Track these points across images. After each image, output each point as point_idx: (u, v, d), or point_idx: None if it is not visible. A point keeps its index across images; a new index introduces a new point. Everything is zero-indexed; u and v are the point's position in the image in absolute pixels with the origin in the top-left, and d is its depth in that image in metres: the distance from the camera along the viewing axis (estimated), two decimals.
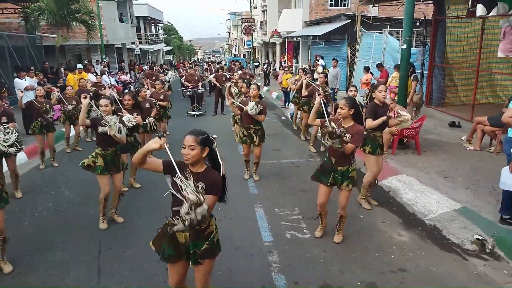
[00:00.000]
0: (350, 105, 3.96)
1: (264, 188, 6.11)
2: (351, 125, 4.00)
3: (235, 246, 4.31)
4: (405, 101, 7.97)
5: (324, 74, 9.20)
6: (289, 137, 9.66)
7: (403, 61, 7.87)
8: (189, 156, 2.63)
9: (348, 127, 3.99)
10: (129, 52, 30.30)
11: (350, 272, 3.81)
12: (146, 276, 3.81)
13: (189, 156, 2.63)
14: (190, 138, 2.64)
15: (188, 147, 2.63)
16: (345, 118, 4.02)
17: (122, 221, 5.00)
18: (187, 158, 2.64)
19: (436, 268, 3.84)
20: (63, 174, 7.06)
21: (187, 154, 2.63)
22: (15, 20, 17.68)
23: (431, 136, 8.44)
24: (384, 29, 14.03)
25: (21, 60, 13.36)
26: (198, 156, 2.66)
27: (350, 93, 6.40)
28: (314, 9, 22.58)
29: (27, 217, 5.26)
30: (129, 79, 18.33)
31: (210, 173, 2.72)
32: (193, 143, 2.63)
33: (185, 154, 2.64)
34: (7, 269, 3.90)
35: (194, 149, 2.63)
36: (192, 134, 2.67)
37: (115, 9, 24.03)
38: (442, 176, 6.05)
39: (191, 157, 2.64)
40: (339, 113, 4.02)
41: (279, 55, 29.84)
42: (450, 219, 4.69)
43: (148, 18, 38.23)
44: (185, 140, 2.65)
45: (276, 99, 17.00)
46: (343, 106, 3.97)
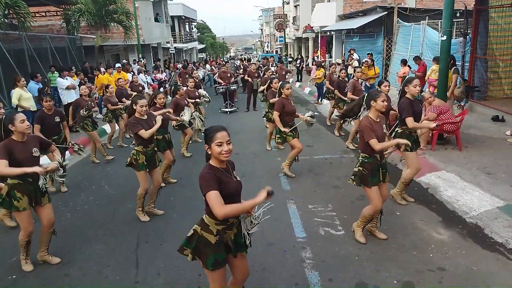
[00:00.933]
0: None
1: (296, 184, 6.07)
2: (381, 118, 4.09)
3: (268, 242, 4.31)
4: (445, 94, 7.65)
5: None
6: (322, 133, 9.54)
7: (442, 53, 7.55)
8: (230, 151, 2.60)
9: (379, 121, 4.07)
10: (164, 51, 30.98)
11: (386, 270, 3.72)
12: (180, 269, 3.89)
13: (230, 151, 2.59)
14: (225, 133, 2.59)
15: (226, 143, 2.58)
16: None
17: (162, 213, 5.18)
18: (228, 154, 2.59)
19: (478, 268, 3.68)
20: (103, 170, 7.34)
21: (228, 150, 2.57)
22: (56, 22, 18.52)
23: (473, 131, 8.08)
24: (422, 20, 13.53)
25: (63, 61, 13.96)
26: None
27: (384, 88, 6.23)
28: (349, 2, 22.09)
29: (69, 210, 5.51)
30: (164, 78, 18.75)
31: (229, 160, 2.76)
32: (228, 137, 2.60)
33: (225, 151, 2.56)
34: (55, 261, 4.11)
35: (231, 143, 2.61)
36: (224, 129, 2.62)
37: (151, 9, 24.62)
38: (484, 173, 5.78)
39: (231, 152, 2.61)
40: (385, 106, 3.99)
41: (311, 50, 29.51)
42: (493, 217, 4.47)
43: (183, 17, 38.92)
44: (222, 137, 2.56)
45: (309, 94, 16.84)
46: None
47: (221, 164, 2.65)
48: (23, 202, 3.76)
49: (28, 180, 3.77)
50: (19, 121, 3.73)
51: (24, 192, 3.77)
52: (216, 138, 2.56)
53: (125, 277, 3.82)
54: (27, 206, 3.79)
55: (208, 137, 2.60)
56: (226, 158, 2.61)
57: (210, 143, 2.59)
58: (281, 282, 3.64)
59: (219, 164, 2.64)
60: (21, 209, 3.76)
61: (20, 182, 3.74)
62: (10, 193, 3.75)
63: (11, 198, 3.75)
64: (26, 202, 3.78)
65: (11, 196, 3.75)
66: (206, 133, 2.65)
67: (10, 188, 3.75)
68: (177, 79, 16.25)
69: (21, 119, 3.76)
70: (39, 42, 13.17)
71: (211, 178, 2.52)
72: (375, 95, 3.98)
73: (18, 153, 3.69)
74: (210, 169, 2.61)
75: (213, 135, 2.58)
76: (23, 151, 3.73)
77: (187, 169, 6.91)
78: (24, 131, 3.77)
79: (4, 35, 10.84)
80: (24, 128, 3.76)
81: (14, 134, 3.76)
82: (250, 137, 9.07)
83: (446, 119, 6.76)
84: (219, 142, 2.56)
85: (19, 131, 3.75)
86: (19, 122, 3.73)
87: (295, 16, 34.63)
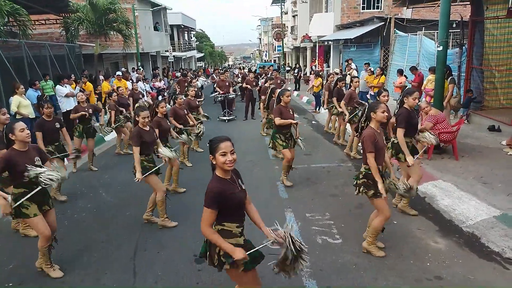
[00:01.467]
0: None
1: (294, 193, 6.09)
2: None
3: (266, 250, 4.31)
4: (441, 104, 7.73)
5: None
6: (319, 142, 9.58)
7: (439, 64, 7.65)
8: (234, 161, 2.65)
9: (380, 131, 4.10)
10: (163, 59, 31.14)
11: (384, 279, 3.73)
12: (178, 276, 3.89)
13: (233, 160, 2.64)
14: (229, 143, 2.64)
15: (230, 153, 2.63)
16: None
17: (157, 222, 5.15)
18: (232, 163, 2.65)
19: (474, 277, 3.69)
20: (101, 177, 7.33)
21: (232, 159, 2.63)
22: (56, 30, 18.61)
23: (469, 141, 8.14)
24: (418, 31, 13.70)
25: (62, 68, 13.97)
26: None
27: (383, 98, 6.28)
28: (346, 13, 22.33)
29: (67, 218, 5.50)
30: (163, 86, 18.81)
31: (234, 169, 2.77)
32: (232, 147, 2.65)
33: (229, 161, 2.62)
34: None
35: (234, 152, 2.67)
36: (228, 140, 2.67)
37: (150, 18, 24.82)
38: (480, 182, 5.82)
39: (235, 161, 2.66)
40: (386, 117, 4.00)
41: (309, 59, 29.72)
42: (489, 226, 4.50)
43: (182, 26, 39.20)
44: (226, 147, 2.62)
45: (306, 103, 16.93)
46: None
47: (226, 174, 2.70)
48: (32, 209, 3.78)
49: (33, 187, 3.78)
50: (19, 130, 3.75)
51: (33, 199, 3.79)
52: (220, 148, 2.61)
53: (123, 285, 3.81)
54: (37, 212, 3.81)
55: (213, 148, 2.65)
56: (230, 168, 2.65)
57: (215, 153, 2.64)
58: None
59: (224, 174, 2.69)
60: (31, 215, 3.78)
61: (26, 191, 3.76)
62: (17, 202, 3.76)
63: (19, 207, 3.76)
64: (35, 208, 3.80)
65: (18, 205, 3.76)
66: (210, 144, 2.70)
67: (18, 197, 3.75)
68: (176, 87, 16.32)
69: (21, 128, 3.77)
70: (38, 50, 13.20)
71: (216, 197, 2.60)
72: (374, 107, 3.99)
73: (21, 163, 3.71)
74: (218, 182, 2.66)
75: (217, 145, 2.63)
76: (26, 160, 3.74)
77: (186, 177, 6.92)
78: (24, 139, 3.79)
79: (4, 43, 10.87)
80: (24, 137, 3.77)
81: (16, 143, 3.79)
82: (248, 145, 9.10)
83: (443, 129, 6.82)
84: (223, 152, 2.61)
85: (19, 140, 3.77)
86: (19, 131, 3.75)
87: (293, 26, 34.94)
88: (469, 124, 9.61)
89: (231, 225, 2.73)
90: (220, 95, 13.42)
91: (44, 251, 3.91)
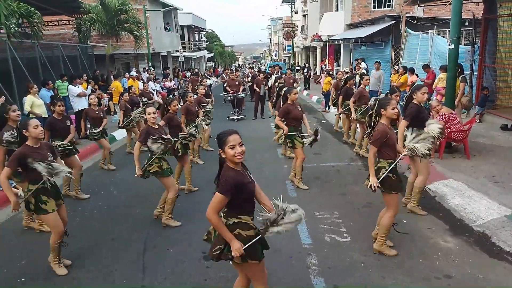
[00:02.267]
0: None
1: (303, 191, 6.09)
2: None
3: (274, 248, 4.31)
4: (452, 102, 7.64)
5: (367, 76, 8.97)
6: (329, 141, 9.55)
7: (450, 62, 7.56)
8: (243, 152, 2.66)
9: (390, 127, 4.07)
10: (173, 60, 31.34)
11: (392, 277, 3.71)
12: (186, 273, 3.93)
13: (243, 152, 2.66)
14: (237, 136, 2.67)
15: (239, 145, 2.64)
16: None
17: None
18: (242, 155, 2.67)
19: (485, 276, 3.65)
20: (112, 176, 7.43)
21: (241, 151, 2.65)
22: (69, 31, 18.89)
23: (481, 140, 8.03)
24: (430, 29, 13.55)
25: (74, 69, 14.20)
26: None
27: (396, 98, 6.22)
28: (357, 11, 22.19)
29: (78, 215, 5.59)
30: (173, 86, 18.95)
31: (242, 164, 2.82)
32: (240, 139, 2.67)
33: (239, 153, 2.64)
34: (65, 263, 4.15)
35: (243, 145, 2.68)
36: (235, 132, 2.70)
37: (161, 18, 24.99)
38: (492, 181, 5.75)
39: (244, 153, 2.67)
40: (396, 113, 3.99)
41: (319, 59, 29.61)
42: (500, 225, 4.44)
43: (192, 26, 39.40)
44: (234, 139, 2.64)
45: (316, 102, 16.88)
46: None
47: (236, 166, 2.71)
48: (50, 204, 3.87)
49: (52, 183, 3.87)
50: (33, 127, 3.84)
51: (50, 195, 3.88)
52: (229, 141, 2.64)
53: (132, 281, 3.86)
54: (55, 207, 3.90)
55: (221, 141, 2.68)
56: (240, 160, 2.67)
57: (224, 146, 2.66)
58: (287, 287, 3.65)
59: (235, 167, 2.71)
60: (50, 211, 3.86)
61: (44, 186, 3.83)
62: (36, 198, 3.83)
63: (38, 203, 3.83)
64: (53, 204, 3.89)
65: (37, 201, 3.83)
66: (219, 138, 2.72)
67: (36, 193, 3.82)
68: (188, 87, 16.41)
69: (35, 124, 3.86)
70: (51, 51, 13.44)
71: (234, 186, 2.62)
72: (385, 103, 3.98)
73: (35, 159, 3.78)
74: (232, 171, 2.67)
75: (226, 139, 2.65)
76: (39, 157, 3.81)
77: (194, 176, 6.96)
78: (37, 136, 3.87)
79: (18, 44, 11.08)
80: (37, 134, 3.86)
81: (29, 140, 3.87)
82: (258, 144, 9.11)
83: (454, 128, 6.74)
84: (231, 145, 2.63)
85: (33, 137, 3.86)
86: (33, 127, 3.84)
87: (303, 25, 34.83)
88: (481, 123, 9.49)
89: (247, 218, 2.76)
90: (230, 94, 13.47)
91: (54, 247, 3.97)
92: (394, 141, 3.99)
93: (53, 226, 3.92)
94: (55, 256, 4.02)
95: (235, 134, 2.68)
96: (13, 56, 10.38)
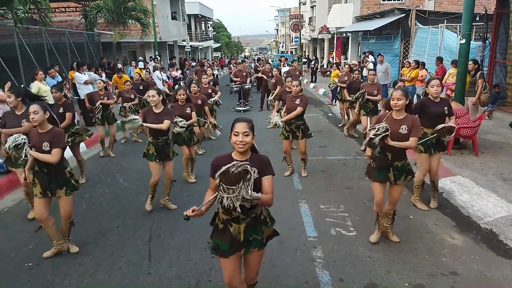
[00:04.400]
0: (405, 95, 3.88)
1: (309, 184, 6.07)
2: (404, 117, 3.91)
3: (279, 240, 4.30)
4: (462, 98, 7.56)
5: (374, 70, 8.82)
6: (335, 134, 9.50)
7: (461, 57, 7.46)
8: (244, 143, 2.56)
9: (401, 119, 3.90)
10: (180, 49, 31.21)
11: (397, 272, 3.70)
12: (192, 262, 3.94)
13: (243, 142, 2.56)
14: (244, 125, 2.58)
15: (242, 134, 2.56)
16: (402, 109, 3.91)
17: (175, 207, 5.24)
18: (243, 145, 2.57)
19: (491, 274, 3.63)
20: (118, 164, 7.45)
21: (242, 141, 2.56)
22: (76, 18, 18.82)
23: (490, 137, 7.95)
24: (440, 24, 13.37)
25: (81, 56, 14.18)
26: (251, 142, 2.61)
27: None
28: (366, 4, 21.93)
29: (85, 202, 5.61)
30: (180, 75, 18.89)
31: (258, 156, 2.70)
32: (247, 129, 2.58)
33: (240, 141, 2.55)
34: (73, 250, 4.20)
35: (249, 135, 2.58)
36: (243, 121, 2.62)
37: (168, 7, 24.85)
38: (501, 179, 5.69)
39: (246, 143, 2.57)
40: (397, 105, 3.86)
41: (327, 51, 29.38)
42: (508, 223, 4.41)
43: (199, 15, 39.17)
44: (238, 127, 2.57)
45: (323, 95, 16.78)
46: (401, 97, 3.84)
47: (240, 156, 2.63)
48: (36, 188, 3.91)
49: (43, 170, 3.86)
50: (31, 113, 3.76)
51: (39, 180, 3.89)
52: (235, 127, 2.60)
53: (138, 269, 3.88)
54: (38, 194, 3.90)
55: (231, 126, 2.65)
56: (241, 149, 2.59)
57: (231, 132, 2.63)
58: (292, 280, 3.65)
59: (239, 156, 2.63)
60: (35, 194, 3.93)
61: (37, 170, 3.88)
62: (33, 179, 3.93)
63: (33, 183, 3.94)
64: (38, 190, 3.90)
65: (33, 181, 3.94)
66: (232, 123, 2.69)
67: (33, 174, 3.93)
68: (193, 77, 16.37)
69: (33, 110, 3.75)
70: (58, 37, 13.41)
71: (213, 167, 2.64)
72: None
73: (33, 143, 3.81)
74: (221, 158, 2.66)
75: (233, 125, 2.62)
76: (37, 143, 3.79)
77: (199, 166, 6.97)
78: (31, 122, 3.82)
79: (25, 30, 11.06)
80: (31, 120, 3.80)
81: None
82: (264, 136, 9.08)
83: (463, 124, 6.67)
84: (236, 132, 2.58)
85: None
86: (31, 114, 3.77)
87: (311, 17, 34.54)
88: (490, 120, 9.39)
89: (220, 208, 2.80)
90: (236, 85, 13.41)
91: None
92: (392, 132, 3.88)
93: (35, 211, 4.06)
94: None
95: (243, 122, 2.61)
96: (20, 42, 10.37)
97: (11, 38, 10.18)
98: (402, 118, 3.90)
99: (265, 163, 2.68)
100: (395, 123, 3.89)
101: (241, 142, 2.57)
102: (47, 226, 4.01)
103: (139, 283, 3.67)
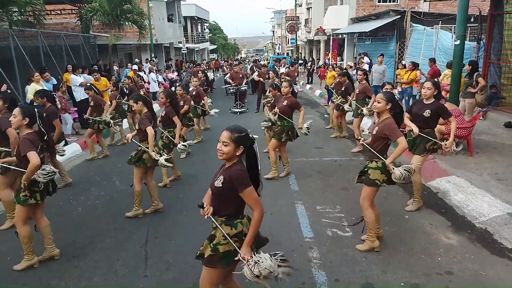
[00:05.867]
0: (387, 99, 3.95)
1: (305, 185, 6.09)
2: (382, 120, 4.01)
3: (275, 241, 4.32)
4: (457, 99, 7.62)
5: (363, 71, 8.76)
6: (331, 135, 9.52)
7: (455, 58, 7.52)
8: (221, 152, 2.59)
9: (380, 122, 4.02)
10: (176, 51, 31.19)
11: (393, 272, 3.72)
12: (188, 264, 3.93)
13: (221, 151, 2.59)
14: (226, 134, 2.59)
15: (222, 143, 2.58)
16: (381, 112, 4.00)
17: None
18: (219, 153, 2.60)
19: (486, 273, 3.66)
20: (114, 166, 7.44)
21: (219, 149, 2.59)
22: (71, 21, 18.78)
23: (485, 137, 8.01)
24: (435, 25, 13.45)
25: (77, 58, 14.14)
26: (231, 153, 2.58)
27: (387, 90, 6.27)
28: (362, 6, 22.05)
29: (80, 205, 5.60)
30: (176, 77, 18.89)
31: (232, 167, 2.62)
32: (227, 139, 2.57)
33: (217, 149, 2.60)
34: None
35: (227, 146, 2.57)
36: (229, 130, 2.61)
37: (164, 9, 24.82)
38: (495, 179, 5.74)
39: (223, 153, 2.59)
40: (376, 107, 4.03)
41: (323, 53, 29.46)
42: (503, 223, 4.44)
43: (195, 17, 39.18)
44: (221, 135, 2.60)
45: (319, 97, 16.82)
46: (380, 100, 3.97)
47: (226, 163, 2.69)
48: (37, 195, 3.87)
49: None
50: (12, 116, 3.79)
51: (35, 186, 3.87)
52: (221, 134, 2.64)
53: (134, 271, 3.88)
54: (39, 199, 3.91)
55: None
56: (219, 157, 2.63)
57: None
58: (288, 281, 3.65)
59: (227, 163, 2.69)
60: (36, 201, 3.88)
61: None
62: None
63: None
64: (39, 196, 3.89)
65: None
66: None
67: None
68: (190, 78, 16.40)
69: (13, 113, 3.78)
70: (54, 40, 13.37)
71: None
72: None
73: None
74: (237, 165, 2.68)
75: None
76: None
77: (196, 168, 6.97)
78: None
79: (20, 32, 11.02)
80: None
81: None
82: (260, 137, 9.08)
83: (457, 124, 6.70)
84: (219, 139, 2.63)
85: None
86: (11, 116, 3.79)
87: (307, 19, 34.66)
88: (484, 120, 9.45)
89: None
90: (232, 87, 13.42)
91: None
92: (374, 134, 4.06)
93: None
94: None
95: (227, 131, 2.60)
96: (15, 44, 10.33)
97: (6, 40, 10.15)
98: (381, 121, 4.04)
99: (235, 175, 2.58)
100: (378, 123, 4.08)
101: (219, 151, 2.61)
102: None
103: (136, 286, 3.66)
